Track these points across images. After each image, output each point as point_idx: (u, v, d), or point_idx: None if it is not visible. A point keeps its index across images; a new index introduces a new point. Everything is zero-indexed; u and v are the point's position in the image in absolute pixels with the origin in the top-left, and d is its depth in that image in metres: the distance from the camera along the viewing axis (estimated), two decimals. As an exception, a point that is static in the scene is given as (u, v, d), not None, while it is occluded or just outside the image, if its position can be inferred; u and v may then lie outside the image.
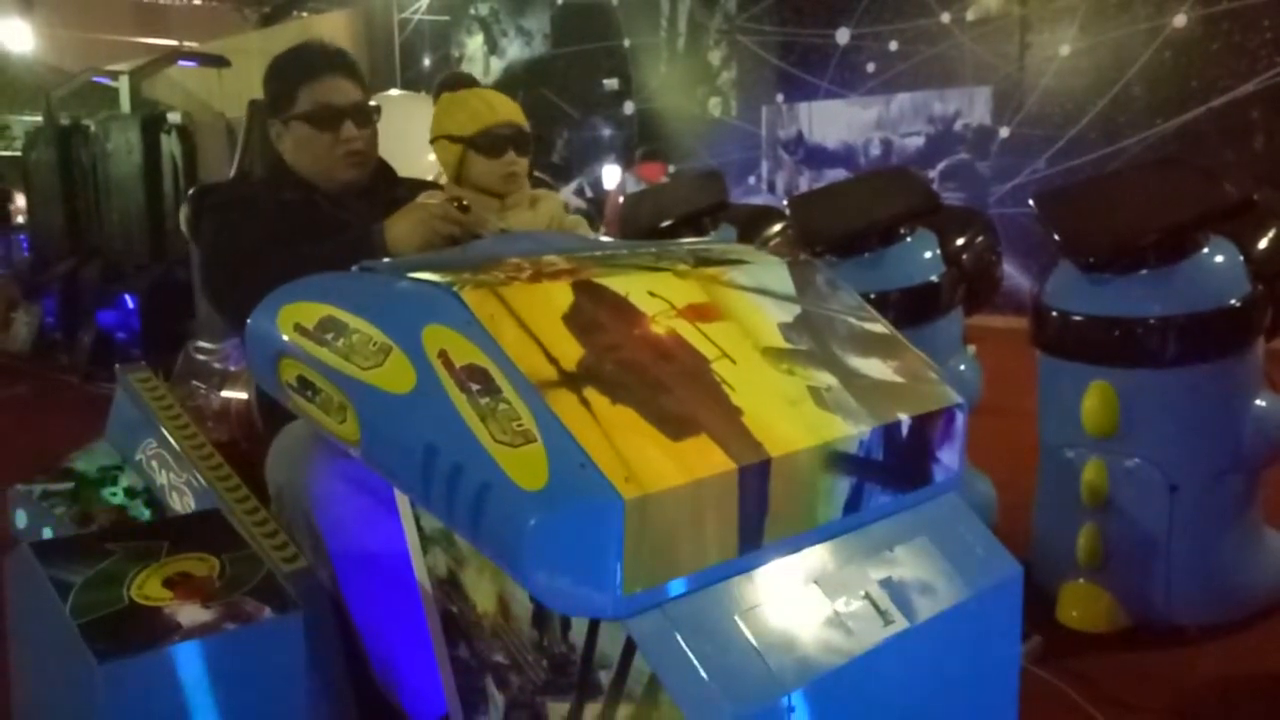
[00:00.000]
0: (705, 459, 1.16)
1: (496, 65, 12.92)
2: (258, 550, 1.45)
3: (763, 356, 1.37)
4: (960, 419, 1.52)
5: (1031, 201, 2.98)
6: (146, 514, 1.86)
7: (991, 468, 3.33)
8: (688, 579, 1.15)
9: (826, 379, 1.40)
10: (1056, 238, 2.82)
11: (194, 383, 2.28)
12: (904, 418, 1.42)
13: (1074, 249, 2.79)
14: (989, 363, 3.35)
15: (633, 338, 1.29)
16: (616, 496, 1.06)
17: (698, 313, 1.38)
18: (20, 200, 11.75)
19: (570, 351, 1.21)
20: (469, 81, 2.21)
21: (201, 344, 2.38)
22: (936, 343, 3.10)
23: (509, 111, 2.10)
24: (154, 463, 1.85)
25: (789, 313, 1.49)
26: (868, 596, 1.31)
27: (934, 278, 3.19)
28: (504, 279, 1.29)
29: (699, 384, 1.27)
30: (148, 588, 1.12)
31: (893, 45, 9.13)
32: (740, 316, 1.42)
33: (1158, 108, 7.68)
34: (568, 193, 11.70)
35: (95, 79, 10.07)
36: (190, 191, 2.31)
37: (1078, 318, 2.77)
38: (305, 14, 17.36)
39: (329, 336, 1.27)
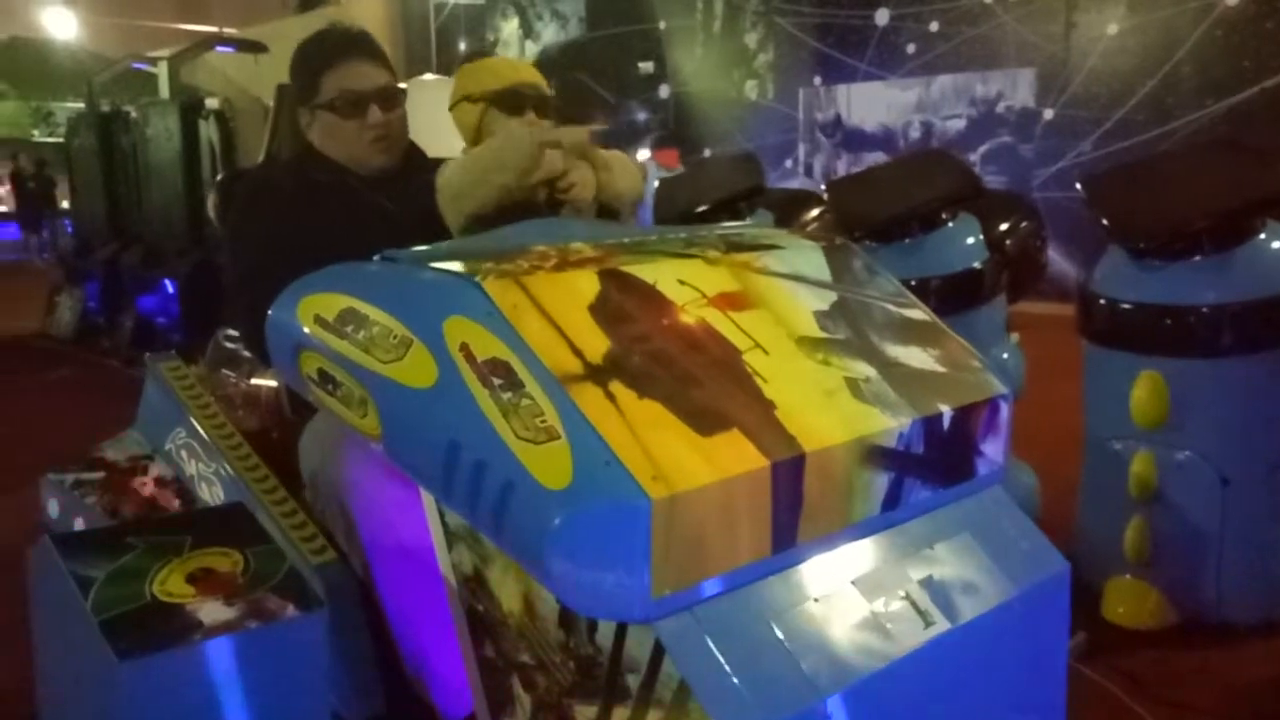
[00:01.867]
0: (737, 455, 1.12)
1: (531, 49, 12.89)
2: (283, 544, 1.44)
3: (797, 346, 1.32)
4: (1005, 410, 1.46)
5: (1079, 185, 2.90)
6: (176, 504, 1.85)
7: (1035, 458, 3.26)
8: (719, 580, 1.11)
9: (864, 369, 1.34)
10: (1105, 223, 2.74)
11: (224, 371, 2.27)
12: (946, 409, 1.36)
13: (1123, 234, 2.71)
14: (1032, 350, 3.28)
15: (661, 328, 1.24)
16: (644, 496, 1.02)
17: (729, 301, 1.33)
18: (64, 185, 11.92)
19: (596, 343, 1.17)
20: (487, 54, 2.16)
21: (231, 332, 2.36)
22: (979, 331, 3.04)
23: (532, 75, 2.05)
24: (183, 452, 1.84)
25: (824, 300, 1.44)
26: (907, 597, 1.26)
27: (976, 264, 3.12)
28: (528, 268, 1.25)
29: (730, 376, 1.22)
30: (170, 583, 1.10)
31: (934, 26, 8.98)
32: (773, 305, 1.37)
33: (1208, 88, 7.49)
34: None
35: (135, 65, 10.16)
36: (219, 178, 2.30)
37: (1126, 305, 2.70)
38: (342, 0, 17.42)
39: (349, 329, 1.24)
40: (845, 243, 1.61)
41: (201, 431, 1.75)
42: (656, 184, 7.67)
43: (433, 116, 2.49)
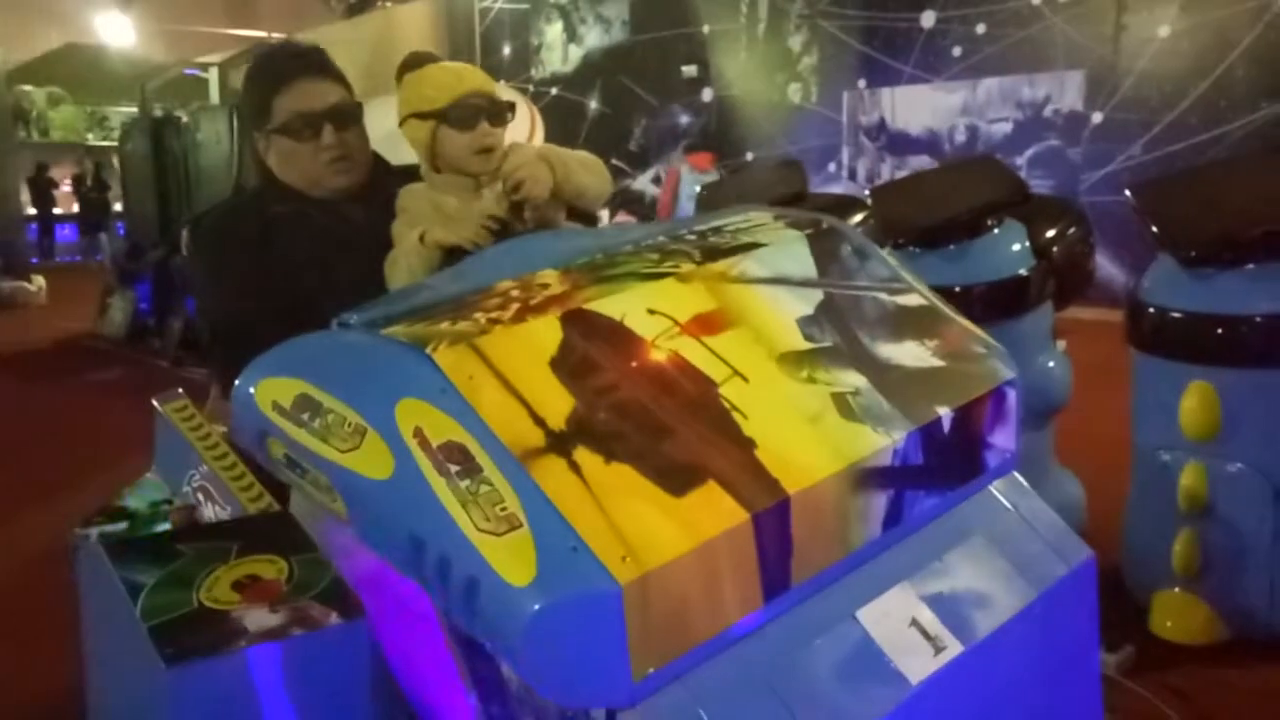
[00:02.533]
0: (713, 512, 1.06)
1: (575, 53, 12.93)
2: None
3: (779, 366, 1.26)
4: (1012, 396, 1.39)
5: (1128, 192, 2.86)
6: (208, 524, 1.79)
7: (1082, 469, 3.21)
8: (707, 645, 1.07)
9: (853, 380, 1.28)
10: (1155, 230, 2.70)
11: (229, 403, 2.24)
12: (945, 412, 1.30)
13: (1174, 242, 2.67)
14: (1079, 358, 3.23)
15: (629, 373, 1.18)
16: (613, 583, 0.97)
17: (704, 325, 1.26)
18: (117, 189, 12.13)
19: (558, 405, 1.11)
20: (431, 60, 2.03)
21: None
22: (1024, 339, 3.00)
23: (479, 81, 1.87)
24: (199, 495, 1.79)
25: (809, 302, 1.36)
26: (915, 623, 1.21)
27: (1022, 271, 3.08)
28: (485, 324, 1.19)
29: (705, 418, 1.16)
30: (217, 590, 1.12)
31: (980, 28, 8.88)
32: (752, 320, 1.30)
33: (1262, 91, 7.33)
34: (644, 180, 11.67)
35: (186, 71, 10.33)
36: (191, 219, 2.25)
37: (1177, 314, 2.65)
38: (389, 4, 17.58)
39: (305, 417, 1.18)
40: (831, 225, 1.52)
41: (213, 472, 1.73)
42: (698, 188, 7.69)
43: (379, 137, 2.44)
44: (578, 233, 1.78)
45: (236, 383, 1.29)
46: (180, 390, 1.88)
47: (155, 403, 1.88)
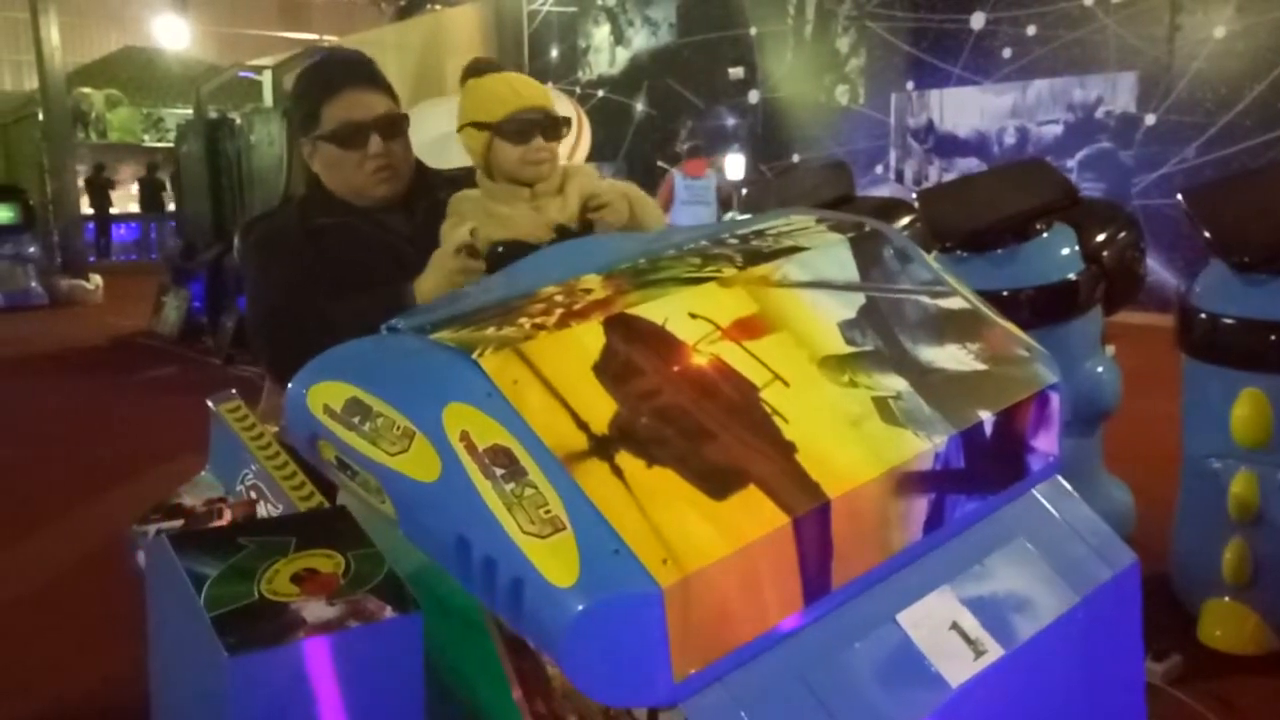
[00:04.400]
0: (754, 516, 1.08)
1: (622, 55, 12.97)
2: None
3: (820, 370, 1.26)
4: (1055, 399, 1.39)
5: (1180, 197, 2.82)
6: (268, 519, 1.82)
7: (1131, 475, 3.19)
8: (748, 647, 1.08)
9: (895, 384, 1.28)
10: (1207, 235, 2.67)
11: (283, 402, 2.29)
12: (987, 416, 1.29)
13: (1227, 247, 2.64)
14: (1129, 363, 3.20)
15: (671, 377, 1.19)
16: (654, 585, 0.99)
17: (745, 329, 1.27)
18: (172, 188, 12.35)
19: (601, 409, 1.13)
20: (492, 67, 2.09)
21: None
22: (1073, 344, 2.98)
23: (535, 96, 1.94)
24: (252, 494, 1.83)
25: (851, 305, 1.36)
26: (955, 626, 1.21)
27: (1072, 275, 3.06)
28: (529, 329, 1.22)
29: (746, 422, 1.17)
30: (276, 583, 1.15)
31: (1030, 30, 8.79)
32: (794, 324, 1.30)
33: (1321, 93, 7.21)
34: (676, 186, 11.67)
35: (241, 74, 10.51)
36: (243, 224, 2.30)
37: (1229, 321, 2.62)
38: (438, 6, 17.75)
39: (356, 420, 1.21)
40: (874, 228, 1.52)
41: (266, 472, 1.76)
42: (721, 189, 7.60)
43: (436, 138, 2.47)
44: (621, 236, 1.80)
45: (289, 387, 1.33)
46: (234, 391, 1.92)
47: (210, 403, 1.91)
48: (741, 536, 1.05)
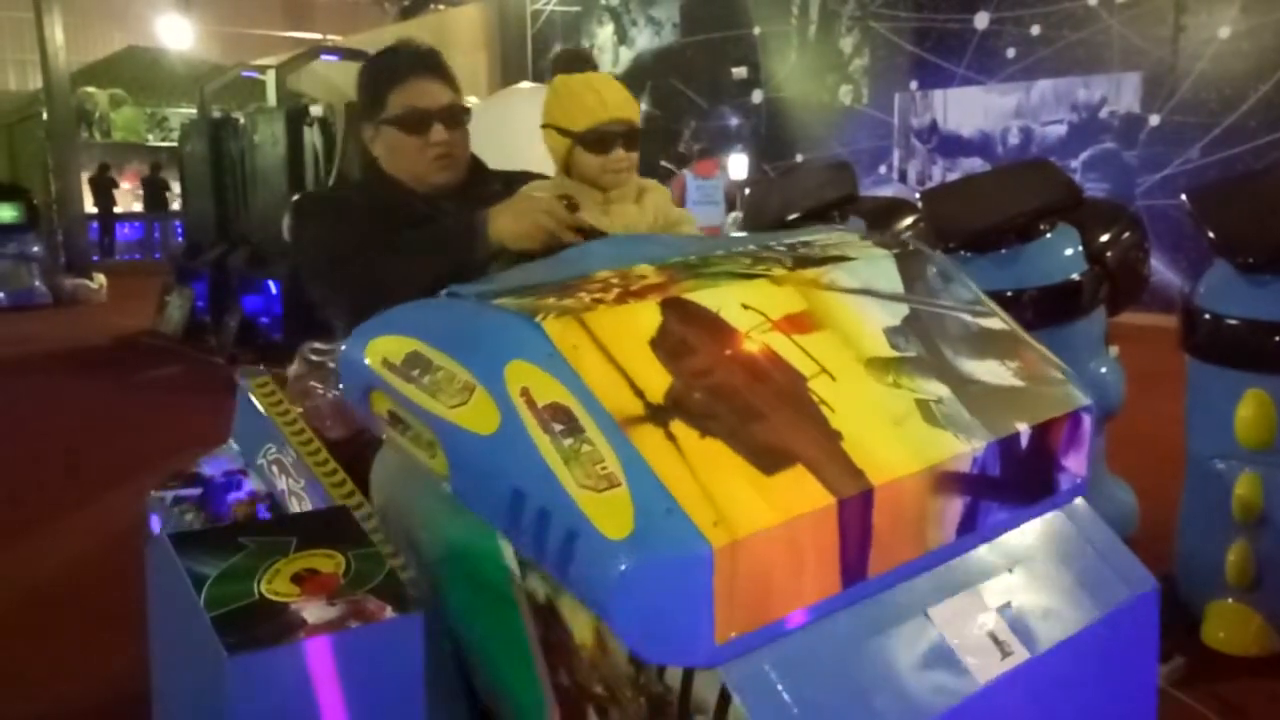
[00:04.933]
0: (801, 493, 1.10)
1: (626, 55, 12.98)
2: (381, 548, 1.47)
3: (865, 369, 1.29)
4: (1087, 421, 1.42)
5: (1184, 197, 2.82)
6: (270, 518, 1.86)
7: (1134, 476, 3.18)
8: (785, 620, 1.10)
9: (936, 389, 1.31)
10: (1211, 236, 2.66)
11: (311, 383, 2.33)
12: (1023, 428, 1.32)
13: (1231, 248, 2.63)
14: (1132, 364, 3.19)
15: (723, 359, 1.22)
16: (705, 544, 1.01)
17: (794, 324, 1.30)
18: (177, 188, 12.37)
19: (657, 380, 1.16)
20: (585, 60, 2.10)
21: (316, 345, 2.42)
22: (1076, 344, 2.97)
23: (620, 107, 1.99)
24: (274, 468, 1.87)
25: (896, 314, 1.40)
26: (984, 626, 1.23)
27: (1075, 276, 3.05)
28: (589, 302, 1.25)
29: (795, 407, 1.20)
30: (277, 583, 1.15)
31: (1034, 30, 8.79)
32: (841, 324, 1.34)
33: (1326, 93, 7.19)
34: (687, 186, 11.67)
35: (244, 73, 10.51)
36: (294, 200, 2.35)
37: (1233, 321, 2.61)
38: (442, 6, 17.77)
39: (415, 373, 1.25)
40: (919, 249, 1.56)
41: (290, 447, 1.79)
42: (738, 190, 7.67)
43: (528, 124, 2.50)
44: (672, 238, 1.85)
45: (348, 341, 1.36)
46: (262, 366, 1.97)
47: (238, 377, 1.96)
48: (788, 510, 1.08)
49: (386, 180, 2.03)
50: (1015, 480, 1.32)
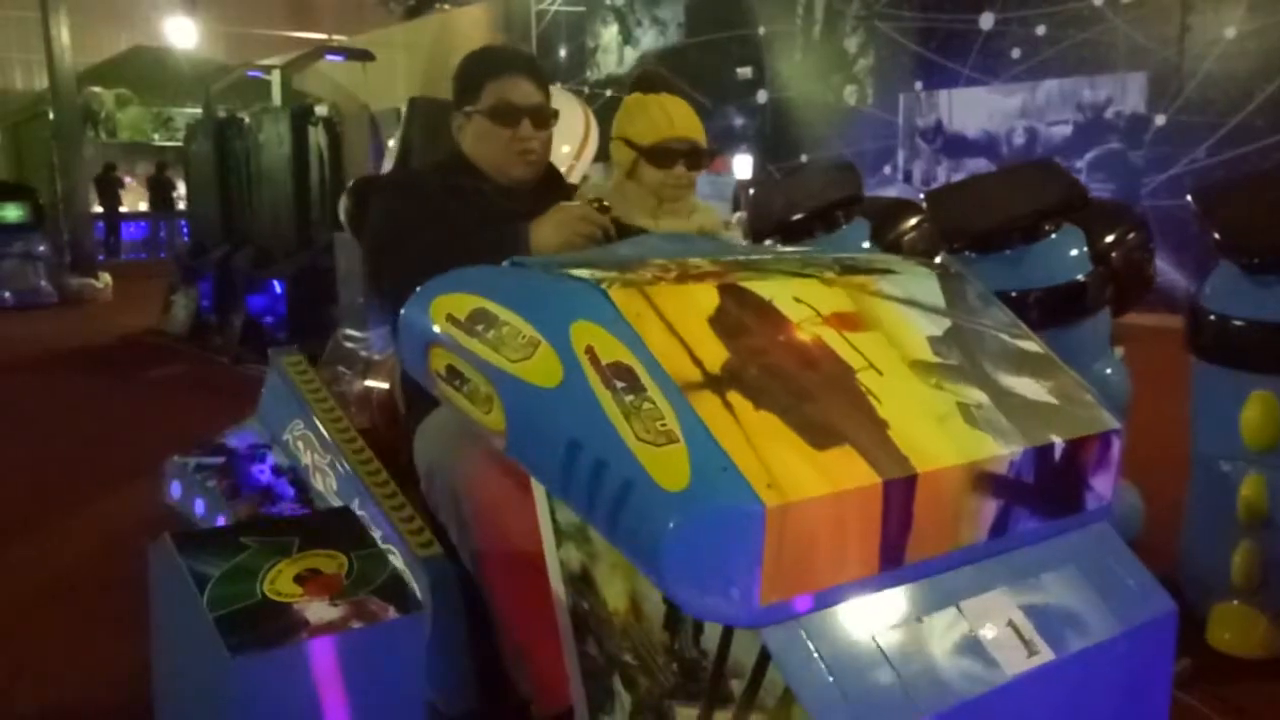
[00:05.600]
0: (849, 470, 1.13)
1: (630, 55, 12.97)
2: (391, 536, 1.49)
3: (910, 369, 1.33)
4: (1116, 445, 1.45)
5: (1190, 197, 2.81)
6: (291, 492, 1.95)
7: (1140, 477, 3.17)
8: (826, 593, 1.13)
9: (976, 395, 1.35)
10: (1216, 236, 2.65)
11: (340, 368, 2.38)
12: (1057, 440, 1.36)
13: (1236, 248, 2.62)
14: (1140, 364, 3.18)
15: (777, 343, 1.27)
16: (758, 502, 1.04)
17: (844, 321, 1.35)
18: (182, 188, 12.37)
19: (715, 354, 1.20)
20: (662, 83, 2.26)
21: (350, 332, 2.49)
22: (1081, 345, 2.96)
23: (687, 127, 2.15)
24: (300, 443, 1.93)
25: (938, 326, 1.45)
26: (1011, 625, 1.26)
27: (1080, 276, 3.04)
28: (650, 279, 1.29)
29: (844, 393, 1.24)
30: (279, 583, 1.16)
31: (1040, 30, 8.77)
32: (887, 327, 1.39)
33: (1333, 93, 7.17)
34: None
35: (250, 73, 10.52)
36: (351, 184, 2.42)
37: (1238, 322, 2.60)
38: (447, 6, 17.77)
39: (480, 328, 1.29)
40: (960, 271, 1.63)
41: (319, 424, 1.84)
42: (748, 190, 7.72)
43: None
44: (723, 242, 1.95)
45: (408, 301, 1.40)
46: (296, 346, 2.05)
47: (271, 353, 2.03)
48: (837, 484, 1.11)
49: (468, 165, 2.11)
50: (1047, 490, 1.35)
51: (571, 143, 6.04)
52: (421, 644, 1.16)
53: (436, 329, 1.34)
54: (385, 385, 2.27)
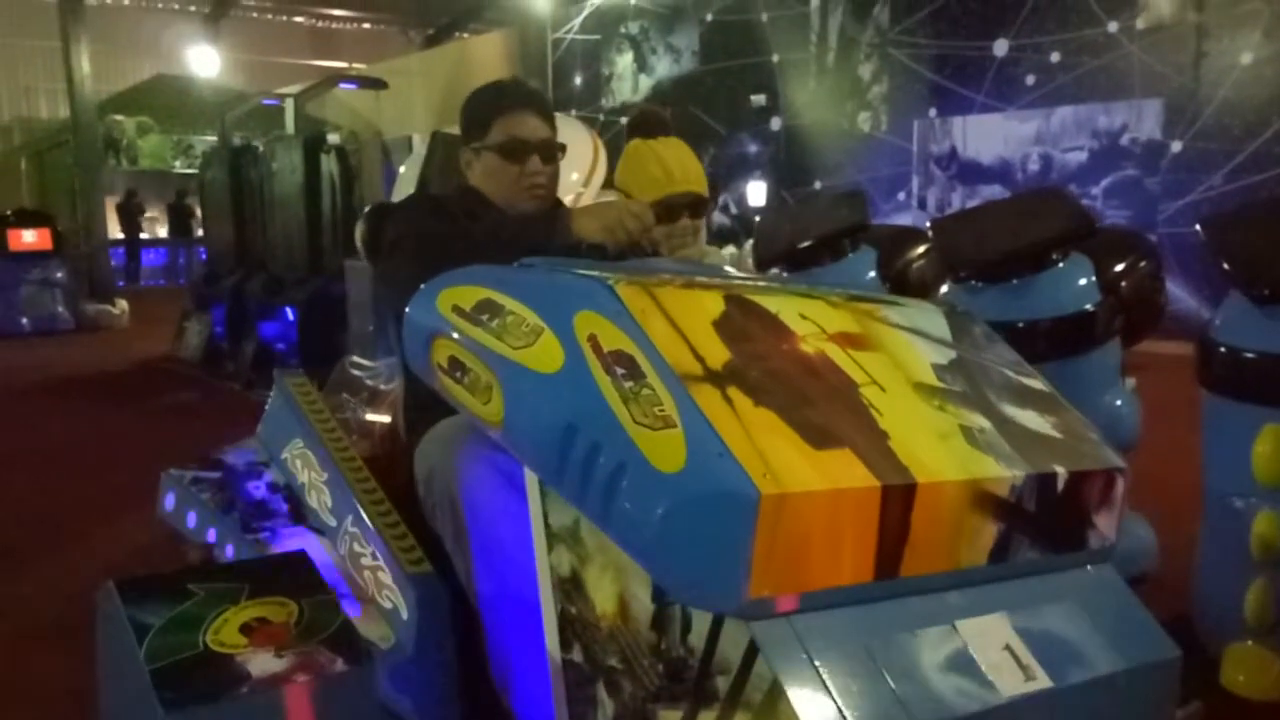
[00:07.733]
0: (847, 471, 1.12)
1: (645, 82, 13.01)
2: (382, 552, 1.52)
3: (914, 389, 1.33)
4: (1121, 485, 1.43)
5: (1199, 225, 2.75)
6: (285, 508, 1.99)
7: (1152, 512, 3.08)
8: (818, 594, 1.11)
9: (980, 420, 1.34)
10: (1226, 267, 2.59)
11: (344, 395, 2.39)
12: (1060, 470, 1.33)
13: (1247, 279, 2.55)
14: (1151, 395, 3.11)
15: (780, 351, 1.28)
16: (754, 488, 1.03)
17: (849, 340, 1.36)
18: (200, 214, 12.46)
19: (717, 353, 1.21)
20: (659, 124, 2.29)
21: (357, 359, 2.50)
22: (1090, 376, 2.90)
23: (687, 180, 2.17)
24: (298, 462, 1.94)
25: (943, 355, 1.45)
26: (1009, 649, 1.23)
27: (1088, 306, 2.98)
28: (657, 282, 1.31)
29: (845, 403, 1.23)
30: (224, 633, 1.11)
31: (1054, 56, 8.73)
32: (892, 350, 1.39)
33: (1352, 119, 7.08)
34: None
35: (265, 102, 10.61)
36: (367, 209, 2.46)
37: (1250, 355, 2.53)
38: (465, 35, 17.91)
39: (484, 318, 1.31)
40: (967, 310, 1.65)
41: (320, 443, 1.86)
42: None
43: None
44: (731, 271, 1.98)
45: (414, 298, 1.42)
46: (301, 369, 2.06)
47: (276, 374, 2.06)
48: (835, 482, 1.10)
49: (479, 197, 2.13)
50: (1048, 521, 1.33)
51: (580, 170, 6.05)
52: (370, 694, 1.11)
53: (442, 319, 1.35)
54: (387, 419, 2.28)
